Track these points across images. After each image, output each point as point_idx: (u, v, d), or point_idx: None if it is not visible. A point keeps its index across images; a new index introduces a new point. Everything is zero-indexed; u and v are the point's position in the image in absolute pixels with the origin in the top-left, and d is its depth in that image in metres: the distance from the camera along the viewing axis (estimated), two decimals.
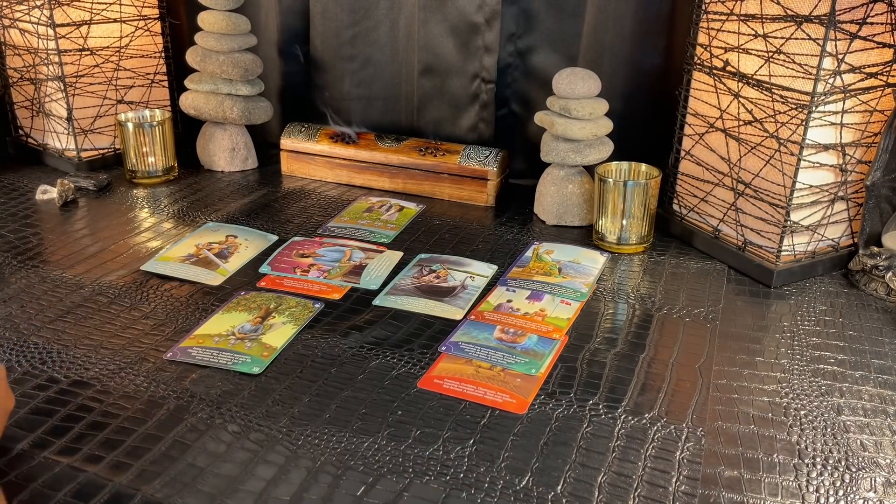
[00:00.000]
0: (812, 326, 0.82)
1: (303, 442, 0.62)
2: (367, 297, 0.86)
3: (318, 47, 1.27)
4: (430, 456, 0.61)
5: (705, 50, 0.93)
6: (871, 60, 0.83)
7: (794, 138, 0.85)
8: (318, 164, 1.20)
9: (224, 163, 1.24)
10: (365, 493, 0.57)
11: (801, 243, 0.91)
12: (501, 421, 0.65)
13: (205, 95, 1.20)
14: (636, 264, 0.95)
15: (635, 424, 0.65)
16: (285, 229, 1.02)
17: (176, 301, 0.84)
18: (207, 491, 0.57)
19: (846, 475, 0.60)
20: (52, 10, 1.13)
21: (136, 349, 0.74)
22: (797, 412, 0.68)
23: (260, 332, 0.77)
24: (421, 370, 0.72)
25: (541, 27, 1.14)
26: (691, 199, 1.01)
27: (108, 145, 1.25)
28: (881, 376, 0.73)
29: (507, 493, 0.57)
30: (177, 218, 1.05)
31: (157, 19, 1.28)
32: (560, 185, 1.05)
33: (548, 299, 0.85)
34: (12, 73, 1.24)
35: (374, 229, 1.03)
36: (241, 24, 1.17)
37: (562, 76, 1.00)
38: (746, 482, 0.59)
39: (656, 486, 0.58)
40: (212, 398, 0.67)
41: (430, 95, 1.22)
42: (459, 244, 0.99)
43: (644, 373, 0.72)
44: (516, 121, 1.21)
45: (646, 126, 1.11)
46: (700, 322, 0.82)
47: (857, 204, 0.92)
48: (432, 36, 1.18)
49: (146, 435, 0.63)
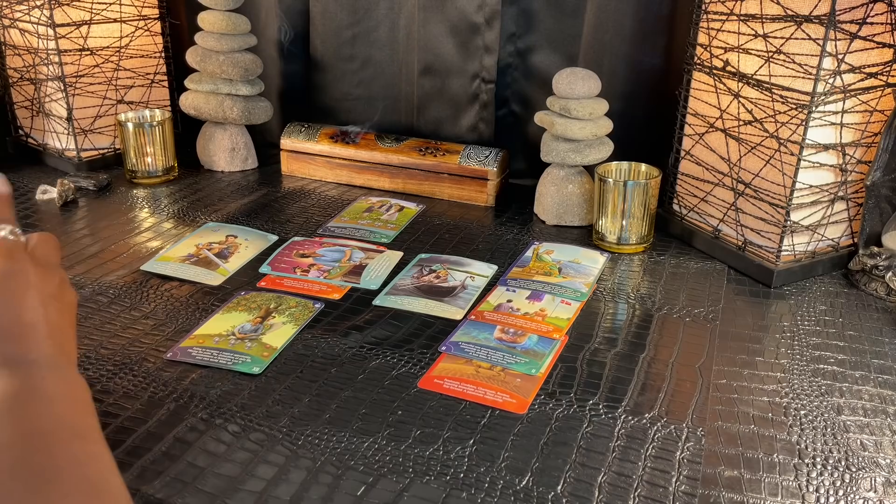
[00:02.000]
0: (812, 326, 0.82)
1: (303, 442, 0.62)
2: (367, 297, 0.86)
3: (318, 47, 1.27)
4: (431, 456, 0.61)
5: (705, 50, 0.93)
6: (871, 60, 0.83)
7: (794, 138, 0.85)
8: (318, 164, 1.20)
9: (224, 163, 1.24)
10: (365, 493, 0.57)
11: (801, 243, 0.91)
12: (501, 421, 0.65)
13: (205, 95, 1.20)
14: (636, 264, 0.95)
15: (635, 424, 0.65)
16: (285, 229, 1.02)
17: (176, 301, 0.84)
18: (207, 491, 0.57)
19: (846, 475, 0.60)
20: (52, 10, 1.13)
21: (136, 349, 0.74)
22: (797, 412, 0.68)
23: (260, 332, 0.77)
24: (421, 370, 0.72)
25: (541, 27, 1.14)
26: (691, 199, 1.01)
27: (108, 145, 1.25)
28: (881, 376, 0.73)
29: (507, 492, 0.57)
30: (177, 218, 1.05)
31: (157, 19, 1.28)
32: (560, 185, 1.05)
33: (548, 299, 0.85)
34: (12, 73, 1.24)
35: (374, 229, 1.03)
36: (241, 24, 1.17)
37: (562, 76, 1.00)
38: (746, 482, 0.59)
39: (656, 485, 0.58)
40: (212, 398, 0.67)
41: (430, 95, 1.22)
42: (459, 244, 0.99)
43: (644, 373, 0.72)
44: (516, 121, 1.21)
45: (646, 126, 1.11)
46: (700, 322, 0.82)
47: (857, 204, 0.92)
48: (432, 36, 1.18)
49: (146, 435, 0.62)
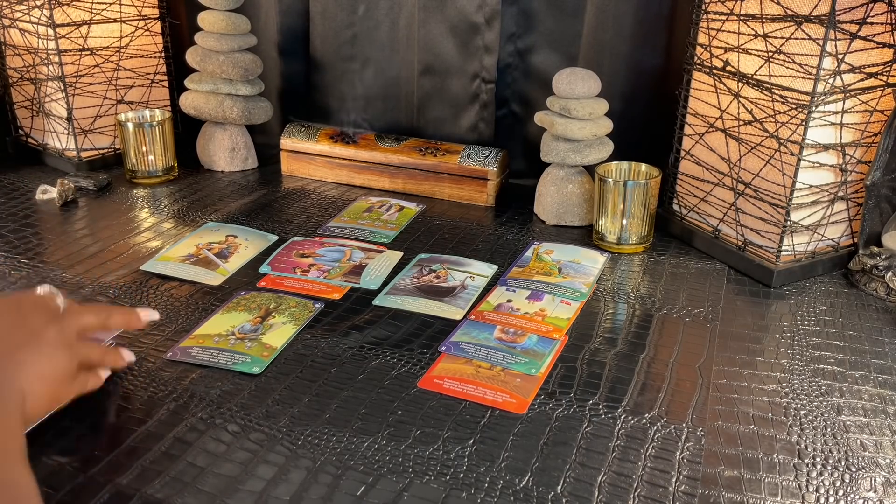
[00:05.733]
0: (812, 326, 0.82)
1: (303, 442, 0.62)
2: (367, 297, 0.86)
3: (318, 47, 1.27)
4: (430, 456, 0.61)
5: (705, 50, 0.93)
6: (871, 60, 0.83)
7: (794, 138, 0.85)
8: (318, 164, 1.20)
9: (224, 163, 1.24)
10: (365, 492, 0.57)
11: (801, 243, 0.91)
12: (501, 421, 0.65)
13: (205, 95, 1.20)
14: (636, 264, 0.95)
15: (635, 424, 0.65)
16: (285, 229, 1.02)
17: (176, 301, 0.84)
18: (207, 491, 0.57)
19: (846, 475, 0.60)
20: (52, 10, 1.13)
21: (136, 349, 0.74)
22: (797, 412, 0.68)
23: (260, 332, 0.77)
24: (421, 370, 0.72)
25: (541, 27, 1.14)
26: (691, 199, 1.01)
27: (108, 145, 1.25)
28: (881, 376, 0.73)
29: (507, 492, 0.57)
30: (177, 218, 1.05)
31: (157, 19, 1.28)
32: (560, 185, 1.05)
33: (548, 299, 0.85)
34: (12, 73, 1.24)
35: (374, 229, 1.03)
36: (241, 24, 1.17)
37: (562, 76, 1.00)
38: (746, 482, 0.59)
39: (656, 485, 0.58)
40: (212, 398, 0.67)
41: (430, 95, 1.22)
42: (459, 244, 0.99)
43: (644, 373, 0.72)
44: (516, 121, 1.21)
45: (646, 126, 1.11)
46: (700, 322, 0.82)
47: (857, 204, 0.92)
48: (432, 36, 1.18)
49: (146, 435, 0.62)
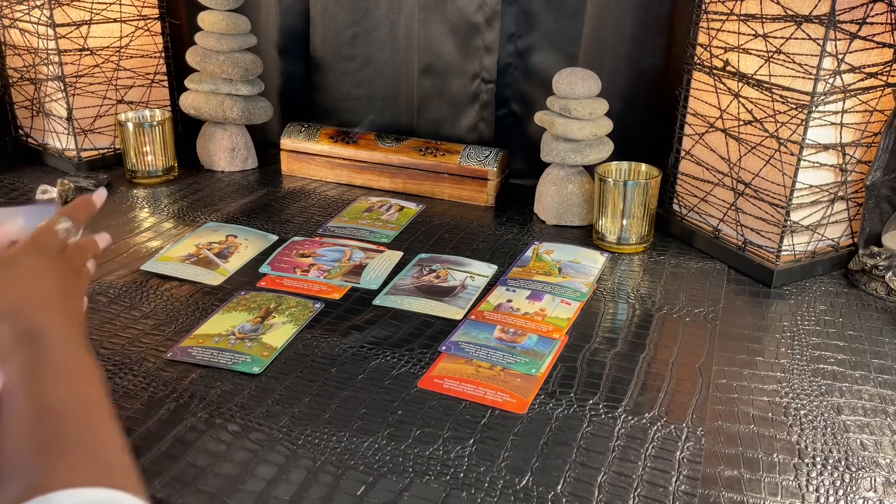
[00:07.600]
0: (812, 326, 0.82)
1: (303, 442, 0.62)
2: (367, 296, 0.86)
3: (318, 47, 1.27)
4: (430, 456, 0.61)
5: (705, 50, 0.93)
6: (871, 60, 0.83)
7: (794, 138, 0.85)
8: (318, 164, 1.20)
9: (224, 163, 1.24)
10: (365, 492, 0.57)
11: (801, 243, 0.91)
12: (501, 421, 0.65)
13: (205, 95, 1.20)
14: (636, 264, 0.95)
15: (635, 424, 0.65)
16: (285, 229, 1.02)
17: (176, 301, 0.84)
18: (207, 491, 0.57)
19: (846, 475, 0.60)
20: (52, 10, 1.13)
21: (136, 349, 0.74)
22: (797, 412, 0.68)
23: (260, 332, 0.77)
24: (421, 370, 0.72)
25: (541, 27, 1.14)
26: (691, 199, 1.01)
27: (108, 145, 1.25)
28: (881, 376, 0.73)
29: (507, 492, 0.57)
30: (177, 218, 1.05)
31: (157, 19, 1.28)
32: (560, 185, 1.05)
33: (548, 299, 0.85)
34: (12, 73, 1.24)
35: (374, 229, 1.03)
36: (241, 24, 1.17)
37: (562, 76, 1.00)
38: (746, 482, 0.59)
39: (656, 485, 0.58)
40: (212, 398, 0.67)
41: (430, 95, 1.22)
42: (459, 244, 0.99)
43: (644, 373, 0.72)
44: (516, 121, 1.21)
45: (646, 126, 1.11)
46: (700, 322, 0.82)
47: (857, 204, 0.92)
48: (432, 36, 1.18)
49: (146, 435, 0.62)
